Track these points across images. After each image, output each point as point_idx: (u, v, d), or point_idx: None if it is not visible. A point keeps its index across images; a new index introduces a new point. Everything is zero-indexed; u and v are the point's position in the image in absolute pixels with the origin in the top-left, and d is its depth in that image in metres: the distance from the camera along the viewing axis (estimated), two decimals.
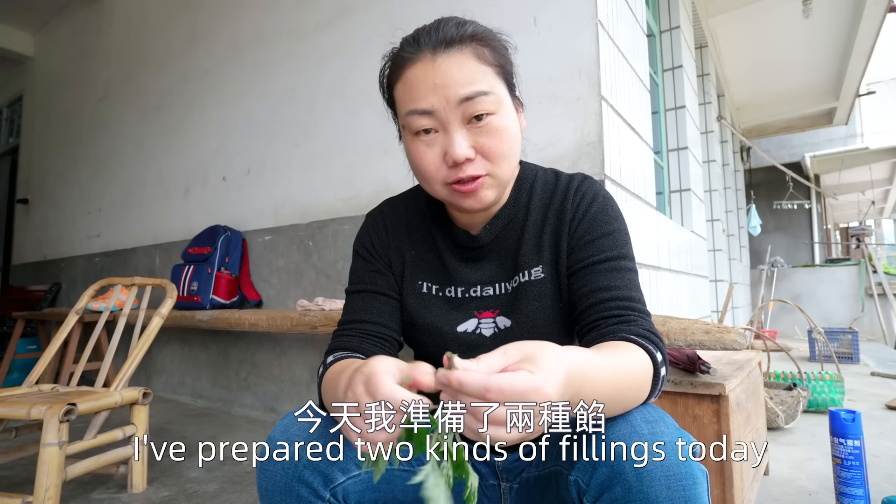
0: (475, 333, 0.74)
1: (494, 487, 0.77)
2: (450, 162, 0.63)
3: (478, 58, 0.63)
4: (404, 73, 0.64)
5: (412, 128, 0.64)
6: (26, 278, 4.62)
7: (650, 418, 0.55)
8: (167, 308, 1.71)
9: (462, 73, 0.61)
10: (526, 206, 0.75)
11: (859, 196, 9.35)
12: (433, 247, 0.78)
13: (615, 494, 0.52)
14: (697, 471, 0.52)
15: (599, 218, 0.71)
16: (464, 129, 0.63)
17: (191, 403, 2.89)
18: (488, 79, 0.63)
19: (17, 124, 5.63)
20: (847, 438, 1.24)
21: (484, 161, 0.64)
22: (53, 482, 1.25)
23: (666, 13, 3.13)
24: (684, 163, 3.04)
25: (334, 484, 0.61)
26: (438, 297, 0.76)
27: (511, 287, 0.74)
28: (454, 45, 0.62)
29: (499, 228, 0.74)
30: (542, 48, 1.74)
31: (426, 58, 0.62)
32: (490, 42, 0.65)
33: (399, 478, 0.68)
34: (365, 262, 0.79)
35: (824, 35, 4.52)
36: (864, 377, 3.40)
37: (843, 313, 6.40)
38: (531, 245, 0.73)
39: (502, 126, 0.63)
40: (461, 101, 0.61)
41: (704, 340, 1.14)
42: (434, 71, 0.61)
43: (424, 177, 0.67)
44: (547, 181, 0.76)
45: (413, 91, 0.63)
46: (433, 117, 0.62)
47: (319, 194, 2.42)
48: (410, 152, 0.66)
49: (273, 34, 2.71)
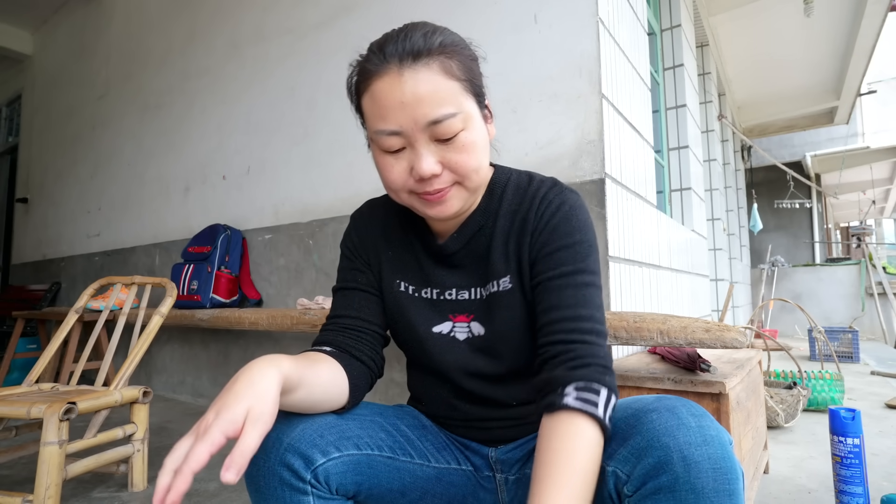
0: (449, 336, 0.76)
1: (490, 479, 0.78)
2: (416, 177, 0.64)
3: (445, 73, 0.62)
4: (371, 86, 0.63)
5: (380, 146, 0.65)
6: (26, 278, 4.62)
7: (696, 412, 0.56)
8: (167, 307, 1.71)
9: (429, 93, 0.61)
10: (496, 213, 0.74)
11: (860, 195, 9.35)
12: (410, 248, 0.79)
13: (661, 483, 0.53)
14: (738, 467, 0.54)
15: (561, 229, 0.69)
16: (431, 145, 0.63)
17: (191, 402, 2.89)
18: (456, 97, 0.62)
19: (17, 123, 5.62)
20: (847, 437, 1.24)
21: (451, 174, 0.65)
22: (54, 481, 1.25)
23: (667, 11, 3.13)
24: (685, 162, 3.04)
25: (315, 465, 0.62)
26: (415, 297, 0.78)
27: (485, 294, 0.75)
28: (421, 58, 0.61)
29: (467, 237, 0.75)
30: (542, 46, 1.74)
31: (392, 71, 0.61)
32: (458, 54, 0.64)
33: (383, 463, 0.69)
34: (347, 261, 0.81)
35: (825, 34, 4.51)
36: (864, 376, 3.40)
37: (844, 312, 6.39)
38: (499, 253, 0.73)
39: (470, 142, 0.64)
40: (429, 123, 0.61)
41: (705, 339, 1.14)
42: (401, 87, 0.60)
43: (391, 188, 0.68)
44: (519, 186, 0.75)
45: (380, 108, 0.62)
46: (401, 136, 0.63)
47: (319, 193, 2.42)
48: (378, 164, 0.67)
49: (273, 33, 2.71)
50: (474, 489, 0.78)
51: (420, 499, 0.73)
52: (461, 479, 0.77)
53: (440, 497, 0.75)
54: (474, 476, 0.78)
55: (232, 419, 0.48)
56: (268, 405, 0.50)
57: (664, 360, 1.41)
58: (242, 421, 0.48)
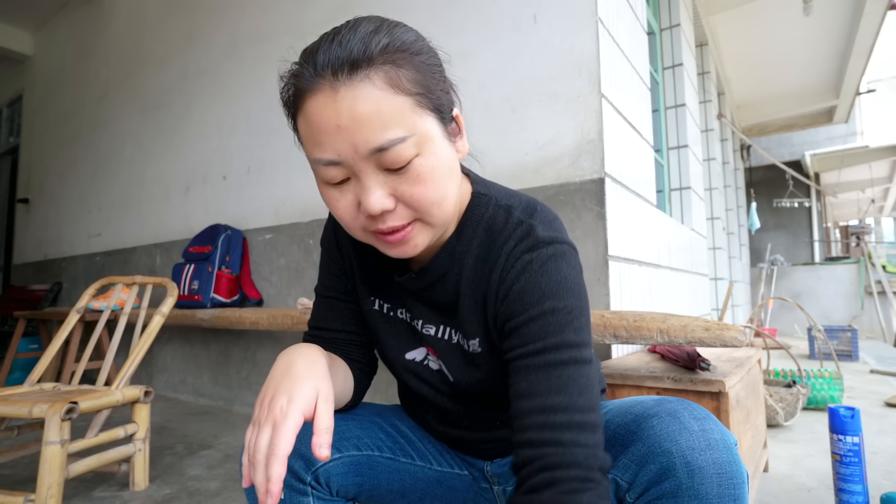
0: (423, 364, 0.71)
1: (488, 490, 0.77)
2: (365, 213, 0.53)
3: (391, 87, 0.50)
4: (304, 105, 0.52)
5: (320, 177, 0.54)
6: (27, 278, 4.63)
7: (699, 415, 0.54)
8: (168, 307, 1.71)
9: (370, 113, 0.49)
10: (462, 258, 0.63)
11: (859, 194, 9.35)
12: (385, 264, 0.70)
13: (664, 490, 0.52)
14: (744, 470, 0.52)
15: (527, 297, 0.55)
16: (380, 175, 0.52)
17: (192, 402, 2.90)
18: (406, 116, 0.50)
19: (17, 124, 5.62)
20: (846, 435, 1.25)
21: (407, 210, 0.54)
22: (55, 480, 1.25)
23: (666, 11, 3.13)
24: (684, 161, 3.04)
25: (315, 466, 0.62)
26: (389, 316, 0.71)
27: (453, 341, 0.66)
28: (360, 69, 0.49)
29: (430, 281, 0.64)
30: (542, 46, 1.74)
31: (325, 87, 0.50)
32: (408, 61, 0.51)
33: (383, 464, 0.69)
34: (326, 264, 0.75)
35: (825, 33, 4.52)
36: (863, 375, 3.40)
37: (843, 311, 6.40)
38: (468, 310, 0.63)
39: (427, 169, 0.52)
40: (372, 151, 0.50)
41: (704, 338, 1.14)
42: (336, 108, 0.49)
43: (342, 224, 0.57)
44: (492, 227, 0.62)
45: (315, 133, 0.52)
46: (341, 167, 0.52)
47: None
48: (323, 198, 0.57)
49: (272, 32, 2.71)
50: (475, 495, 0.77)
51: (419, 500, 0.72)
52: (462, 483, 0.76)
53: (441, 500, 0.74)
54: (474, 484, 0.77)
55: (306, 400, 0.50)
56: (331, 385, 0.53)
57: (664, 359, 1.42)
58: (314, 400, 0.51)
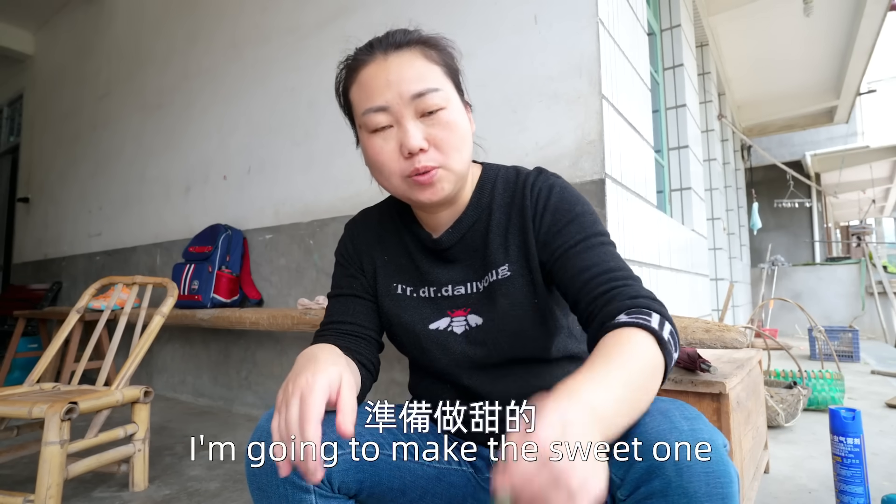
0: (447, 331, 0.78)
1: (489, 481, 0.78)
2: (405, 153, 0.67)
3: (426, 57, 0.69)
4: (359, 76, 0.69)
5: (369, 126, 0.68)
6: (27, 277, 4.63)
7: (689, 415, 0.55)
8: (168, 307, 1.71)
9: (412, 71, 0.67)
10: (489, 207, 0.78)
11: (860, 194, 9.34)
12: (405, 251, 0.82)
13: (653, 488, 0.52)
14: (733, 470, 0.53)
15: (560, 207, 0.73)
16: (417, 122, 0.67)
17: (192, 402, 2.90)
18: (437, 76, 0.68)
19: (18, 123, 5.62)
20: (847, 436, 1.24)
21: (437, 153, 0.68)
22: (55, 480, 1.25)
23: (667, 11, 3.13)
24: (685, 161, 3.04)
25: None
26: (413, 297, 0.80)
27: (482, 286, 0.77)
28: (403, 47, 0.68)
29: (462, 231, 0.77)
30: (542, 47, 1.74)
31: (378, 58, 0.68)
32: (436, 45, 0.71)
33: (384, 461, 0.69)
34: (342, 269, 0.84)
35: (825, 33, 4.51)
36: (864, 375, 3.40)
37: (844, 312, 6.40)
38: (497, 244, 0.76)
39: (453, 120, 0.68)
40: (413, 97, 0.66)
41: (705, 339, 1.14)
42: (387, 69, 0.67)
43: (382, 171, 0.70)
44: (508, 180, 0.79)
45: (368, 90, 0.68)
46: (388, 113, 0.67)
47: (320, 193, 2.42)
48: (368, 149, 0.70)
49: (273, 32, 2.71)
50: (474, 490, 0.78)
51: (420, 498, 0.73)
52: (461, 479, 0.77)
53: (440, 497, 0.75)
54: (474, 478, 0.78)
55: (331, 377, 0.54)
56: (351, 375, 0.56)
57: None
58: (339, 381, 0.55)
